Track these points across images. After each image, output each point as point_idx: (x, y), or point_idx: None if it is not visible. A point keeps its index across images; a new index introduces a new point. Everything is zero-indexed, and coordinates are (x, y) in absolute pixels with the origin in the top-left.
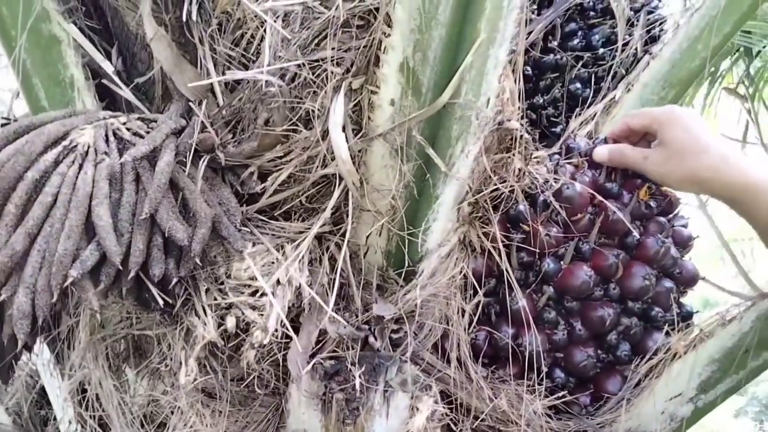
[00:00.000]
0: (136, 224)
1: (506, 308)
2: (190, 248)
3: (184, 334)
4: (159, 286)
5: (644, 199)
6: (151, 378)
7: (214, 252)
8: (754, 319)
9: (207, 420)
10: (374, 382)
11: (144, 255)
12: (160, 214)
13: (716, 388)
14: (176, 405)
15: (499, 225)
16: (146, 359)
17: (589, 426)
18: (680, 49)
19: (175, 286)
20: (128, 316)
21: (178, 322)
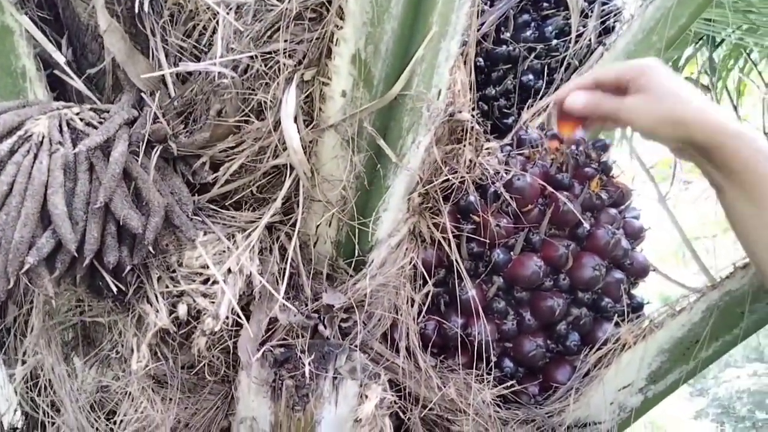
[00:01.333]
0: (91, 213)
1: (456, 298)
2: (144, 236)
3: (136, 322)
4: (112, 273)
5: (595, 190)
6: (101, 366)
7: (166, 241)
8: (704, 310)
9: (158, 406)
10: (324, 369)
11: (98, 243)
12: (115, 203)
13: (666, 378)
14: (127, 391)
15: (450, 216)
16: (95, 348)
17: (538, 415)
18: (635, 41)
19: (127, 274)
20: (79, 303)
21: (130, 309)
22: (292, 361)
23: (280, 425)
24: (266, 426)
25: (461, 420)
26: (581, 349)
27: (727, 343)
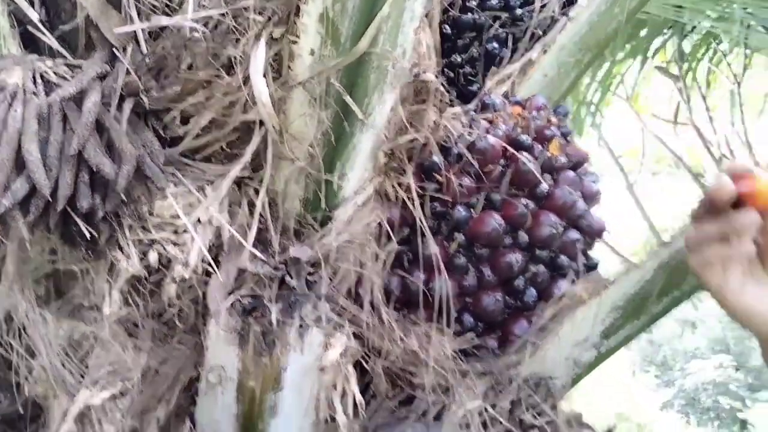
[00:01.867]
0: (64, 160)
1: (419, 255)
2: (116, 183)
3: (108, 269)
4: (85, 221)
5: (555, 153)
6: (74, 313)
7: (137, 191)
8: (656, 267)
9: (129, 353)
10: (290, 317)
11: (72, 188)
12: (88, 151)
13: (618, 333)
14: (100, 336)
15: (414, 175)
16: (68, 296)
17: (496, 367)
18: (598, 12)
19: (100, 222)
20: (53, 252)
21: (102, 257)
22: (259, 309)
23: (248, 372)
24: (234, 374)
25: (422, 372)
26: (538, 305)
27: (676, 299)
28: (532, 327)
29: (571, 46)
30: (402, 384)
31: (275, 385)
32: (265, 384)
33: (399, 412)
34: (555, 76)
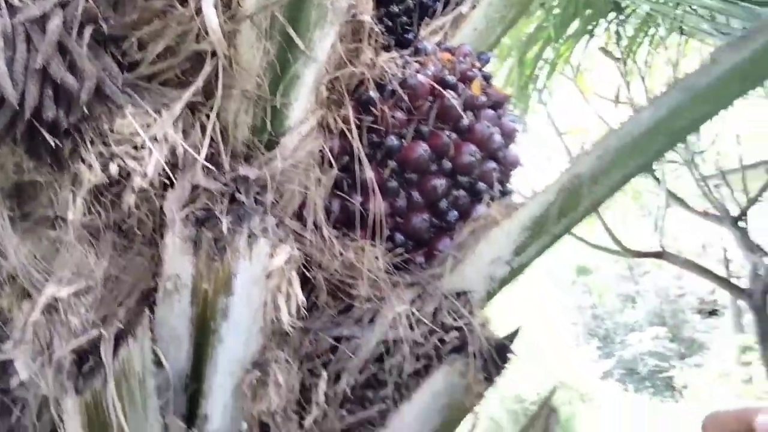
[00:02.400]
0: (29, 74)
1: (356, 180)
2: (79, 98)
3: (71, 180)
4: (50, 133)
5: (477, 93)
6: (40, 221)
7: (98, 110)
8: (557, 191)
9: (92, 257)
10: (240, 227)
11: (37, 100)
12: (52, 67)
13: (527, 251)
14: (64, 240)
15: (352, 109)
16: (34, 206)
17: (422, 278)
18: None
19: (63, 136)
20: (18, 165)
21: (66, 169)
22: (211, 221)
23: (201, 276)
24: (188, 280)
25: (359, 283)
26: (459, 225)
27: (573, 219)
28: (453, 244)
29: (497, 2)
30: (341, 295)
31: (226, 289)
32: (217, 287)
33: (337, 319)
34: (483, 30)
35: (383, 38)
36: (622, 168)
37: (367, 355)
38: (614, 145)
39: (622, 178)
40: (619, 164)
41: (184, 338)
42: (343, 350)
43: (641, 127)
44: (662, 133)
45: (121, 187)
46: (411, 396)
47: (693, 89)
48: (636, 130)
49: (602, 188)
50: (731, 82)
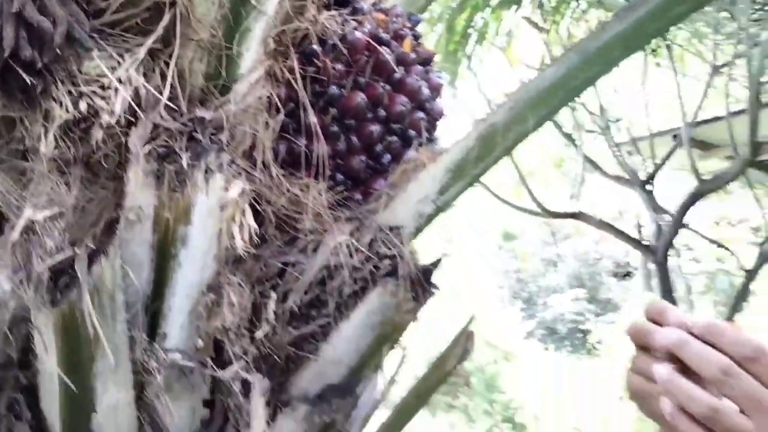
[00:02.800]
0: (5, 18)
1: (301, 125)
2: (53, 39)
3: (43, 116)
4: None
5: (408, 50)
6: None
7: (68, 52)
8: (475, 138)
9: (62, 188)
10: (198, 162)
11: (14, 40)
12: (27, 11)
13: (450, 191)
14: (37, 170)
15: (297, 61)
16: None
17: (360, 213)
18: None
19: (36, 76)
20: None
21: (38, 106)
22: (172, 156)
23: (163, 205)
24: (150, 210)
25: (304, 217)
26: (392, 167)
27: (489, 163)
28: (386, 183)
29: None
30: (287, 228)
31: (185, 219)
32: (177, 217)
33: (284, 248)
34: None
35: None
36: (529, 118)
37: (311, 279)
38: (523, 98)
39: (530, 126)
40: (527, 115)
41: (145, 263)
42: (290, 274)
43: (545, 83)
44: (561, 89)
45: (89, 123)
46: (349, 314)
47: (585, 52)
48: (541, 85)
49: (513, 135)
50: (615, 47)
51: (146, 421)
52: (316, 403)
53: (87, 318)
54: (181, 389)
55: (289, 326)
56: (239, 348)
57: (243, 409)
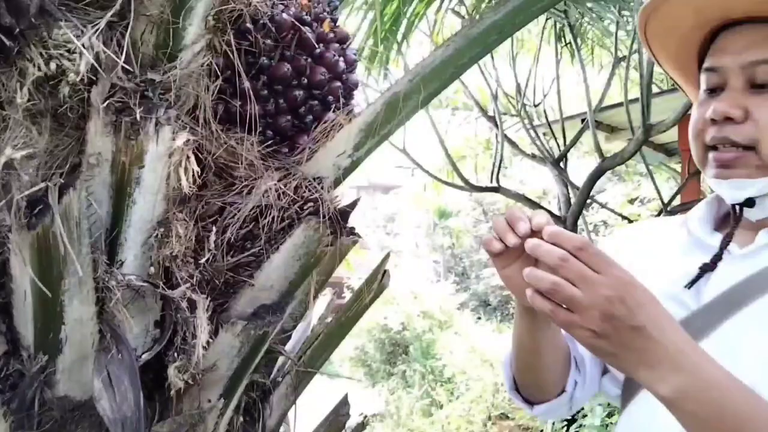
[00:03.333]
0: None
1: (236, 89)
2: (28, 10)
3: (19, 73)
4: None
5: (326, 30)
6: None
7: (39, 22)
8: (382, 104)
9: (34, 135)
10: (149, 116)
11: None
12: None
13: (363, 148)
14: (13, 118)
15: (233, 36)
16: None
17: (287, 163)
18: None
19: (13, 39)
20: None
21: (14, 64)
22: (127, 110)
23: (120, 151)
24: (108, 155)
25: (239, 166)
26: (314, 126)
27: (394, 124)
28: (310, 139)
29: None
30: (225, 175)
31: (139, 163)
32: (132, 161)
33: (223, 191)
34: None
35: None
36: (424, 89)
37: (245, 216)
38: (420, 73)
39: (426, 96)
40: (421, 87)
41: (105, 200)
42: (228, 212)
43: (436, 61)
44: (450, 66)
45: (57, 81)
46: (278, 247)
47: (468, 37)
48: (433, 63)
49: (413, 102)
50: (492, 32)
51: (107, 332)
52: (251, 320)
53: (59, 239)
54: (136, 308)
55: (228, 255)
56: (186, 273)
57: (190, 323)
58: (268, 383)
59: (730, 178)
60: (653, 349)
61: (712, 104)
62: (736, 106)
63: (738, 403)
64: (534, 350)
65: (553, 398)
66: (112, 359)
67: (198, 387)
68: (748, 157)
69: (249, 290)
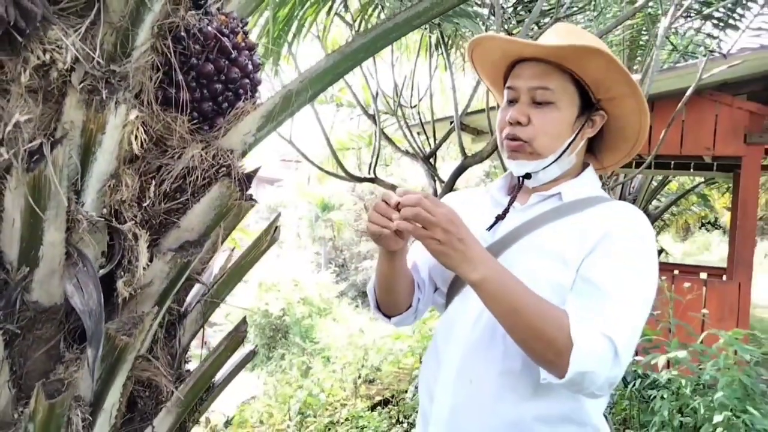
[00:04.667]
0: (7, 2)
1: (173, 80)
2: (35, 16)
3: (23, 60)
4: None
5: (240, 40)
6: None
7: (40, 24)
8: (279, 97)
9: (31, 105)
10: (111, 96)
11: (13, 16)
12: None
13: (264, 130)
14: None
15: (171, 41)
16: None
17: (208, 137)
18: None
19: (23, 37)
20: None
21: (20, 54)
22: (95, 91)
23: (89, 120)
24: (80, 123)
25: (173, 137)
26: (228, 111)
27: (288, 113)
28: (225, 121)
29: None
30: (163, 144)
31: (102, 130)
32: (97, 128)
33: (160, 156)
34: (245, 3)
35: (189, 4)
36: (311, 88)
37: (176, 174)
38: (307, 76)
39: (312, 94)
40: (308, 86)
41: (75, 156)
42: (164, 170)
43: (320, 68)
44: (330, 73)
45: (49, 67)
46: (199, 199)
47: (343, 53)
48: (319, 69)
49: (302, 97)
50: (361, 51)
51: (74, 251)
52: (177, 251)
53: (50, 179)
54: (93, 237)
55: (163, 203)
56: (131, 214)
57: (134, 250)
58: (182, 309)
59: (516, 159)
60: (470, 251)
61: (510, 111)
62: (523, 114)
63: (518, 284)
64: (391, 277)
65: (404, 311)
66: (79, 270)
67: (135, 301)
68: (526, 147)
69: (176, 231)
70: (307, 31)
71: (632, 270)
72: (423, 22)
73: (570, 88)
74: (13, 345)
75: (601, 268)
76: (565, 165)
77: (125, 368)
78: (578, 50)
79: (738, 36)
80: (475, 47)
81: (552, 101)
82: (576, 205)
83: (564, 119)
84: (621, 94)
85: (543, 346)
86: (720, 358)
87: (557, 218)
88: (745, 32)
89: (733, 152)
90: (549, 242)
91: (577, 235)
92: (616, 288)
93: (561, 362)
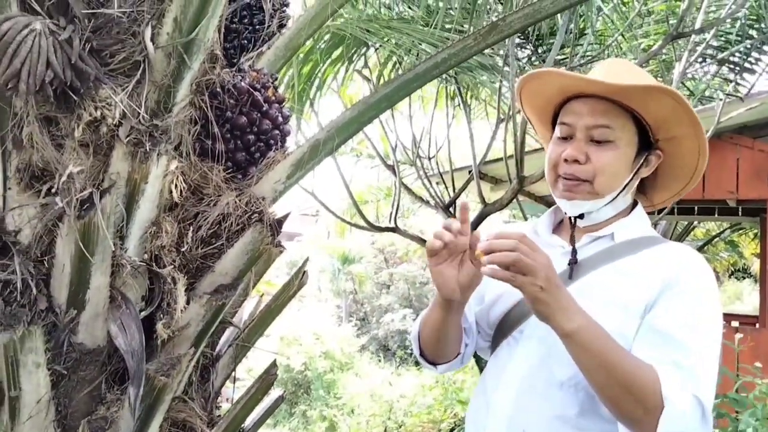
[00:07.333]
0: (65, 65)
1: (209, 132)
2: (89, 78)
3: (77, 117)
4: (69, 93)
5: (270, 94)
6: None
7: (92, 84)
8: (307, 147)
9: (82, 157)
10: (154, 148)
11: (70, 78)
12: (78, 63)
13: (294, 178)
14: (68, 146)
15: (208, 96)
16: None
17: (241, 185)
18: (296, 28)
19: (77, 95)
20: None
21: (74, 111)
22: (140, 144)
23: (134, 171)
24: (125, 174)
25: (209, 185)
26: (260, 161)
27: (316, 162)
28: (257, 170)
29: (281, 46)
30: (199, 191)
31: (145, 180)
32: (141, 178)
33: (197, 203)
34: (274, 60)
35: (224, 62)
36: (338, 137)
37: (212, 220)
38: (333, 126)
39: (338, 143)
40: (335, 136)
41: (120, 205)
42: (200, 217)
43: (346, 118)
44: (354, 123)
45: (99, 123)
46: (233, 244)
47: (367, 103)
48: (344, 119)
49: (329, 146)
50: (383, 101)
51: (117, 295)
52: (213, 294)
53: (99, 227)
54: (135, 282)
55: (199, 248)
56: (170, 258)
57: (172, 293)
58: (215, 353)
59: (573, 200)
60: (566, 300)
61: (566, 149)
62: (582, 152)
63: (608, 337)
64: (445, 327)
65: (452, 359)
66: (123, 312)
67: (173, 343)
68: (585, 186)
69: (211, 275)
70: (328, 87)
71: (705, 320)
72: (441, 72)
73: (630, 126)
74: (59, 386)
75: (673, 318)
76: (620, 205)
77: (163, 408)
78: (646, 89)
79: (755, 79)
80: (530, 80)
81: (612, 140)
82: (629, 246)
83: (623, 158)
84: (682, 135)
85: (632, 402)
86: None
87: (611, 260)
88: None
89: (757, 195)
90: (606, 287)
91: (637, 281)
92: (694, 341)
93: (650, 420)
